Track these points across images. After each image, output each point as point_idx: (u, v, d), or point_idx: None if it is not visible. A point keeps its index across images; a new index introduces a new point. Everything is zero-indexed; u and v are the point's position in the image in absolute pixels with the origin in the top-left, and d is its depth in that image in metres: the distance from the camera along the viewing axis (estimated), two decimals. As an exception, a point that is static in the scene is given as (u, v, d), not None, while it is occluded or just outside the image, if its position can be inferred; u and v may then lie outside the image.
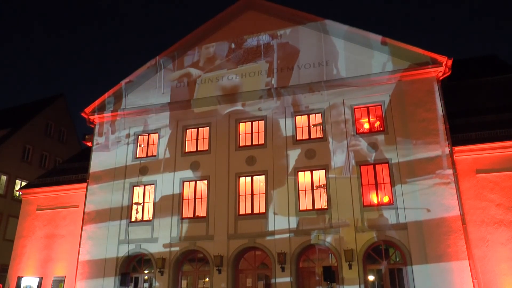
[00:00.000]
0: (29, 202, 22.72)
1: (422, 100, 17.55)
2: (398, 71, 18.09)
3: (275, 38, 20.53)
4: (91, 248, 19.59)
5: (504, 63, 22.95)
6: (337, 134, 18.17)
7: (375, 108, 18.41)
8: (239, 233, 18.04)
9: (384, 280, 16.47)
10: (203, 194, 19.26)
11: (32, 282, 20.49)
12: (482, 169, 16.60)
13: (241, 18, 21.45)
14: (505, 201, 16.02)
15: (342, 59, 19.22)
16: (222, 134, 19.74)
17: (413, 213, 16.29)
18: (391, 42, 18.57)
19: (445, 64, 17.57)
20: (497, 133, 16.94)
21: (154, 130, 20.99)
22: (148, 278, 19.20)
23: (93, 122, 21.98)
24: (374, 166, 17.52)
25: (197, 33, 21.67)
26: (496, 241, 15.67)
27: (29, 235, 21.94)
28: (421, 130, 17.17)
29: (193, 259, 19.02)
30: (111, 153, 21.03)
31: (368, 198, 17.21)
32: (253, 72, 20.34)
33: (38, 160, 33.30)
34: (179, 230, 18.88)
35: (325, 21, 19.81)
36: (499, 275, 15.28)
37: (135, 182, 20.29)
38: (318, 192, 17.90)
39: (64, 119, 36.55)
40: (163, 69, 21.83)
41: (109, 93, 21.94)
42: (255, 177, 18.80)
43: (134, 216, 19.92)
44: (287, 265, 16.95)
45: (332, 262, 17.07)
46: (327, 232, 17.01)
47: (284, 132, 18.92)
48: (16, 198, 30.09)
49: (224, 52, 21.10)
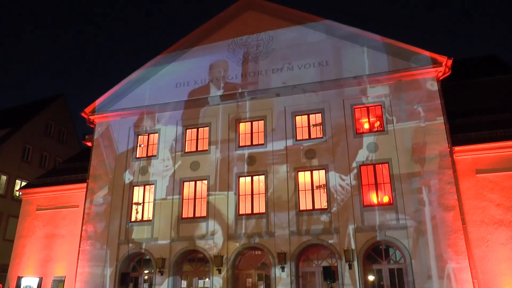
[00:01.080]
0: (29, 202, 22.73)
1: (422, 100, 17.55)
2: (398, 71, 18.10)
3: (275, 38, 20.52)
4: (91, 248, 19.61)
5: (504, 63, 22.95)
6: (337, 134, 18.18)
7: (375, 108, 18.41)
8: (239, 233, 18.06)
9: (384, 280, 16.48)
10: (203, 194, 19.27)
11: (32, 282, 20.50)
12: (482, 169, 16.60)
13: (241, 18, 21.47)
14: (505, 201, 16.02)
15: (342, 59, 19.21)
16: (222, 134, 19.74)
17: (413, 213, 16.29)
18: (391, 42, 18.59)
19: (445, 64, 17.57)
20: (497, 133, 16.93)
21: (154, 130, 21.00)
22: (148, 278, 19.21)
23: (93, 122, 21.99)
24: (374, 166, 17.51)
25: (197, 33, 21.69)
26: (496, 241, 15.67)
27: (29, 235, 21.95)
28: (421, 130, 17.18)
29: (193, 259, 19.02)
30: (111, 153, 21.05)
31: (368, 198, 17.21)
32: (253, 72, 20.36)
33: (38, 160, 33.32)
34: (179, 230, 18.89)
35: (325, 21, 19.83)
36: (499, 275, 15.28)
37: (135, 182, 20.31)
38: (318, 192, 17.91)
39: (64, 119, 36.59)
40: (163, 69, 21.86)
41: (109, 93, 21.97)
42: (255, 177, 18.81)
43: (134, 216, 19.93)
44: (287, 265, 16.97)
45: (332, 262, 17.07)
46: (327, 232, 17.01)
47: (284, 132, 18.92)
48: (16, 198, 30.11)
49: (224, 53, 21.12)
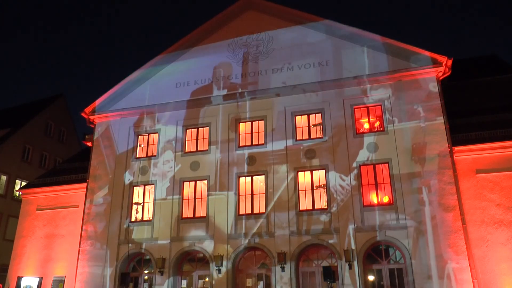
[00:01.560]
0: (29, 202, 22.73)
1: (422, 100, 17.55)
2: (398, 71, 18.09)
3: (275, 38, 20.52)
4: (91, 248, 19.61)
5: (504, 63, 22.94)
6: (337, 134, 18.17)
7: (375, 108, 18.41)
8: (239, 233, 18.06)
9: (384, 280, 16.48)
10: (203, 194, 19.27)
11: (32, 282, 20.51)
12: (482, 169, 16.61)
13: (241, 18, 21.47)
14: (505, 201, 16.02)
15: (342, 59, 19.21)
16: (222, 134, 19.74)
17: (413, 213, 16.29)
18: (391, 42, 18.59)
19: (445, 64, 17.57)
20: (497, 133, 16.93)
21: (154, 130, 21.00)
22: (148, 278, 19.21)
23: (93, 122, 21.99)
24: (374, 166, 17.51)
25: (197, 33, 21.70)
26: (496, 241, 15.67)
27: (29, 235, 21.95)
28: (421, 130, 17.18)
29: (193, 259, 19.02)
30: (111, 153, 21.05)
31: (368, 198, 17.21)
32: (253, 72, 20.36)
33: (38, 160, 33.32)
34: (179, 230, 18.89)
35: (325, 21, 19.83)
36: (499, 275, 15.28)
37: (135, 182, 20.31)
38: (318, 192, 17.91)
39: (64, 119, 36.58)
40: (163, 69, 21.86)
41: (109, 93, 21.97)
42: (255, 177, 18.82)
43: (134, 216, 19.93)
44: (287, 265, 16.96)
45: (332, 262, 17.07)
46: (327, 232, 17.01)
47: (284, 132, 18.91)
48: (16, 198, 30.11)
49: (224, 53, 21.13)
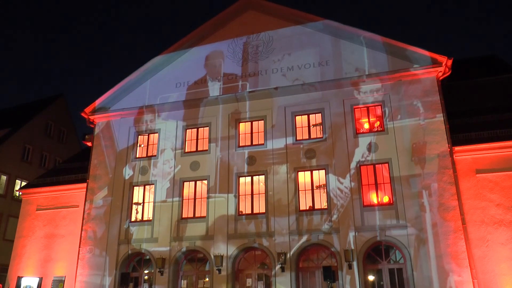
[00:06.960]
0: (29, 202, 22.73)
1: (422, 100, 17.55)
2: (398, 71, 18.09)
3: (275, 38, 20.51)
4: (90, 248, 19.61)
5: (504, 63, 22.92)
6: (337, 134, 18.17)
7: (375, 108, 18.41)
8: (239, 233, 18.05)
9: (384, 280, 16.48)
10: (203, 194, 19.26)
11: (32, 282, 20.51)
12: (482, 169, 16.60)
13: (241, 18, 21.46)
14: (505, 201, 16.02)
15: (342, 59, 19.21)
16: (222, 133, 19.73)
17: (413, 213, 16.29)
18: (391, 42, 18.58)
19: (445, 64, 17.57)
20: (497, 133, 16.92)
21: (154, 130, 21.00)
22: (148, 278, 19.21)
23: (93, 122, 21.98)
24: (374, 166, 17.51)
25: (197, 32, 21.68)
26: (496, 241, 15.67)
27: (29, 235, 21.95)
28: (421, 130, 17.18)
29: (193, 259, 19.02)
30: (111, 153, 21.05)
31: (368, 198, 17.20)
32: (253, 72, 20.36)
33: (38, 160, 33.32)
34: (179, 230, 18.89)
35: (325, 21, 19.83)
36: (499, 275, 15.28)
37: (135, 182, 20.31)
38: (318, 192, 17.90)
39: (64, 119, 36.57)
40: (163, 69, 21.85)
41: (109, 92, 21.96)
42: (255, 177, 18.81)
43: (134, 216, 19.93)
44: (287, 265, 16.96)
45: (332, 262, 17.07)
46: (327, 232, 17.01)
47: (284, 131, 18.91)
48: (16, 198, 30.11)
49: (224, 52, 21.13)
